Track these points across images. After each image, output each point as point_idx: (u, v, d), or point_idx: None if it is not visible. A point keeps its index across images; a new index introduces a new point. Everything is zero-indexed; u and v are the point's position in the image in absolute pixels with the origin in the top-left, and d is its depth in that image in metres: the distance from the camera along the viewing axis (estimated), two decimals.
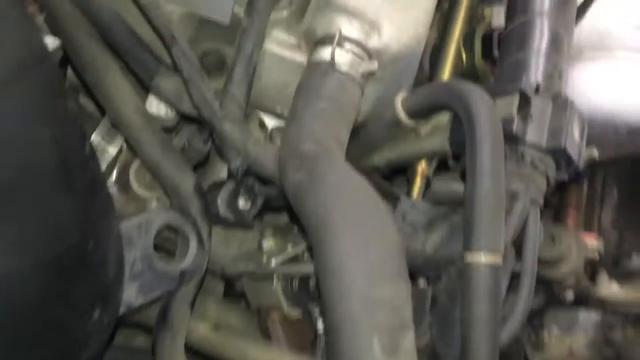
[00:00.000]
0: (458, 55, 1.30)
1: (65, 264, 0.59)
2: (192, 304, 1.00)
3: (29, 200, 0.55)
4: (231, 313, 1.21)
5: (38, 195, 0.56)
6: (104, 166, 1.14)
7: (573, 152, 0.85)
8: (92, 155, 0.66)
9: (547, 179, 0.86)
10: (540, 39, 0.93)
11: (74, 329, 0.64)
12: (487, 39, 1.27)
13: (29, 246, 0.55)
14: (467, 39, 1.31)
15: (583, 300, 1.41)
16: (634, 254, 1.53)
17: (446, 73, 1.29)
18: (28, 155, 0.55)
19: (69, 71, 1.14)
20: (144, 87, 1.03)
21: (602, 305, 1.21)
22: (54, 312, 0.60)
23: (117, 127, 1.03)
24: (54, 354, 0.61)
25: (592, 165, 1.51)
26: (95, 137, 1.13)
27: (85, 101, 1.24)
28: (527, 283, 0.81)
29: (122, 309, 0.85)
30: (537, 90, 0.86)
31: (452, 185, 1.43)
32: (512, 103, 0.83)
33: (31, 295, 0.56)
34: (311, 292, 1.02)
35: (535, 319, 1.46)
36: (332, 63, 0.92)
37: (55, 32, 0.98)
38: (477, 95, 0.78)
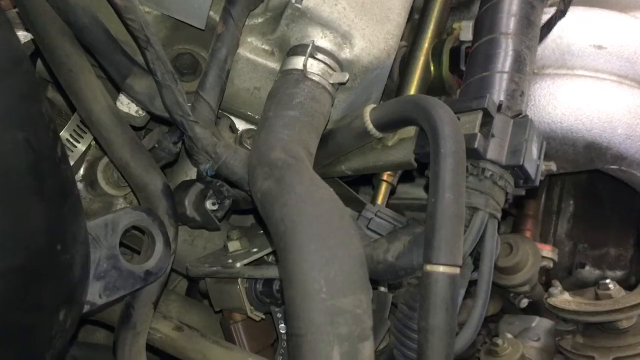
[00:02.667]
0: (426, 66, 1.34)
1: (33, 268, 0.59)
2: (156, 304, 1.01)
3: None
4: (193, 312, 1.22)
5: (7, 199, 0.56)
6: (71, 162, 1.13)
7: (531, 169, 0.88)
8: (64, 158, 0.66)
9: (506, 194, 0.89)
10: (505, 58, 0.97)
11: (39, 331, 0.64)
12: (455, 52, 1.31)
13: None
14: (436, 51, 1.34)
15: (537, 307, 1.47)
16: (587, 265, 1.60)
17: (414, 83, 1.32)
18: None
19: (38, 64, 1.14)
20: (116, 87, 1.03)
21: (554, 313, 1.25)
22: (20, 315, 0.60)
23: (87, 125, 1.02)
24: (20, 356, 0.62)
25: (550, 177, 1.58)
26: (64, 134, 1.12)
27: (53, 95, 1.24)
28: (483, 294, 0.84)
29: (85, 308, 0.84)
30: (499, 108, 0.89)
31: (415, 193, 1.47)
32: (475, 120, 0.86)
33: None
34: (275, 295, 1.04)
35: (489, 325, 1.51)
36: (304, 72, 0.94)
37: (28, 28, 0.97)
38: (442, 112, 0.81)
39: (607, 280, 1.21)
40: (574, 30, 1.29)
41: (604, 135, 1.27)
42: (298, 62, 0.96)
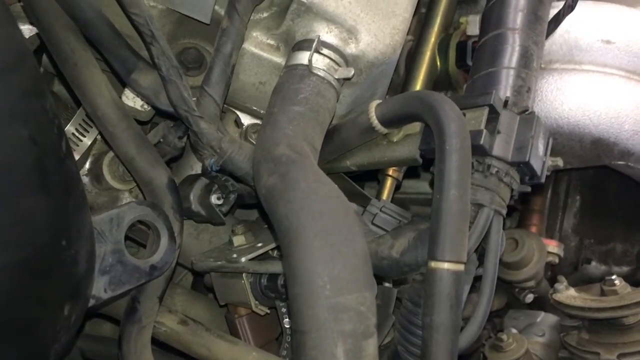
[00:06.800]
0: (433, 61, 1.33)
1: (37, 263, 0.60)
2: (161, 298, 1.01)
3: (2, 200, 0.56)
4: (198, 306, 1.23)
5: (12, 195, 0.56)
6: (77, 156, 1.14)
7: (537, 166, 0.88)
8: (68, 154, 0.66)
9: (511, 190, 0.89)
10: (512, 54, 0.96)
11: (44, 325, 0.64)
12: (461, 47, 1.30)
13: (1, 247, 0.55)
14: (443, 46, 1.33)
15: (542, 303, 1.46)
16: (593, 261, 1.59)
17: (420, 78, 1.32)
18: (3, 154, 0.56)
19: (44, 58, 1.14)
20: (121, 81, 1.03)
21: (560, 309, 1.25)
22: (25, 310, 0.60)
23: (92, 119, 1.02)
24: (25, 350, 0.62)
25: (556, 172, 1.57)
26: (70, 128, 1.13)
27: (59, 88, 1.24)
28: (487, 291, 0.84)
29: (90, 302, 0.85)
30: (505, 104, 0.89)
31: (421, 187, 1.47)
32: (481, 117, 0.86)
33: (2, 294, 0.57)
34: (279, 290, 1.04)
35: (494, 320, 1.51)
36: (309, 67, 0.94)
37: (33, 23, 0.97)
38: (448, 108, 0.80)
39: (613, 277, 1.20)
40: (582, 25, 1.28)
41: (611, 131, 1.26)
42: (303, 57, 0.95)
